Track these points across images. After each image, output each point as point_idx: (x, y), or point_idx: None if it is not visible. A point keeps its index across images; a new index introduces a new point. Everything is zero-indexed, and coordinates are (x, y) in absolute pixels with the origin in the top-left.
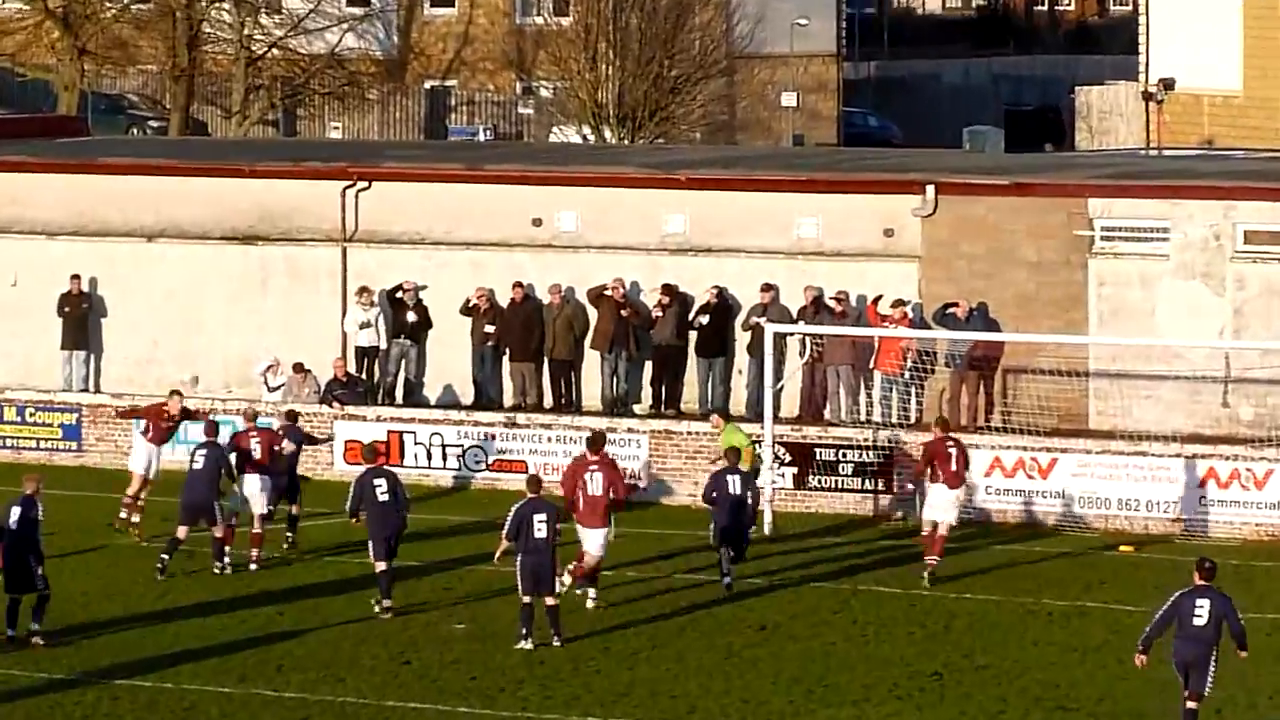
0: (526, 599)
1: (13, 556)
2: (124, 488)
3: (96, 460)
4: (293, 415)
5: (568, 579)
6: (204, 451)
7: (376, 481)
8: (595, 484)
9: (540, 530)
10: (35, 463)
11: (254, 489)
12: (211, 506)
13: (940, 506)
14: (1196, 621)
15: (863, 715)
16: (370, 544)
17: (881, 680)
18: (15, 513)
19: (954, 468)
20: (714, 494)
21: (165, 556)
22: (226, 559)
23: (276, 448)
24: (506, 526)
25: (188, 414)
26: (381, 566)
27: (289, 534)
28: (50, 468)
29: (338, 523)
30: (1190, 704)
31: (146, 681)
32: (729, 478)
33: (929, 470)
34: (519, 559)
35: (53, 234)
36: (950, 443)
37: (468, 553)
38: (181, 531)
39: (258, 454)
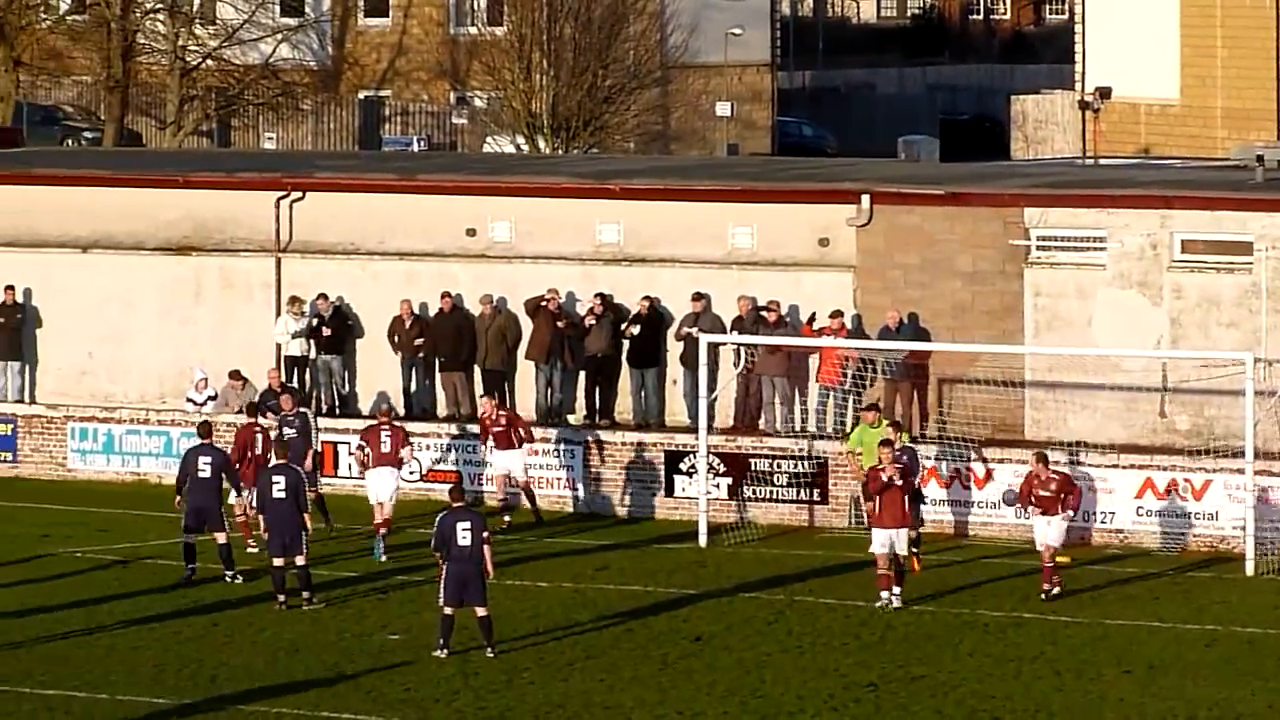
0: (448, 610)
1: None
2: (58, 499)
3: (32, 471)
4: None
5: None
6: (208, 458)
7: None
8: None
9: (464, 539)
10: None
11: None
12: (218, 512)
13: (1041, 531)
14: None
15: None
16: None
17: (817, 691)
18: None
19: (1049, 496)
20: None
21: (193, 566)
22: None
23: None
24: (433, 540)
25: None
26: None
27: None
28: None
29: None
30: None
31: (81, 692)
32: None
33: (1029, 499)
34: (444, 568)
35: None
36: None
37: (402, 563)
38: (190, 538)
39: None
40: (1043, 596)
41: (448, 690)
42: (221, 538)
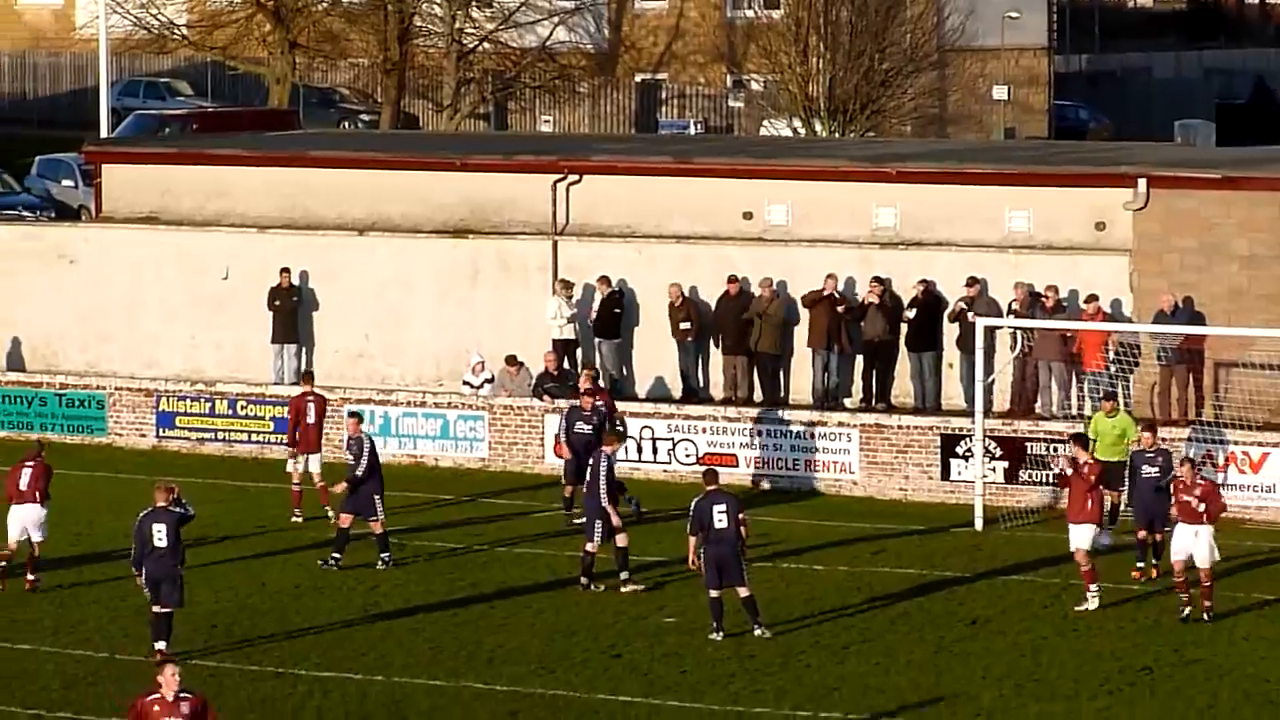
0: (713, 593)
1: (160, 570)
2: (336, 481)
3: None
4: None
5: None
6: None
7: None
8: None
9: (721, 521)
10: (246, 456)
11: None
12: (373, 501)
13: (1183, 542)
14: None
15: (1073, 710)
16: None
17: (1092, 675)
18: (160, 529)
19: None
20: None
21: (336, 555)
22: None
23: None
24: (689, 522)
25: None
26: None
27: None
28: (261, 461)
29: (557, 514)
30: None
31: (356, 674)
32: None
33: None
34: (703, 552)
35: (263, 227)
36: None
37: (677, 545)
38: (345, 520)
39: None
40: (1205, 617)
41: (723, 673)
42: (377, 527)
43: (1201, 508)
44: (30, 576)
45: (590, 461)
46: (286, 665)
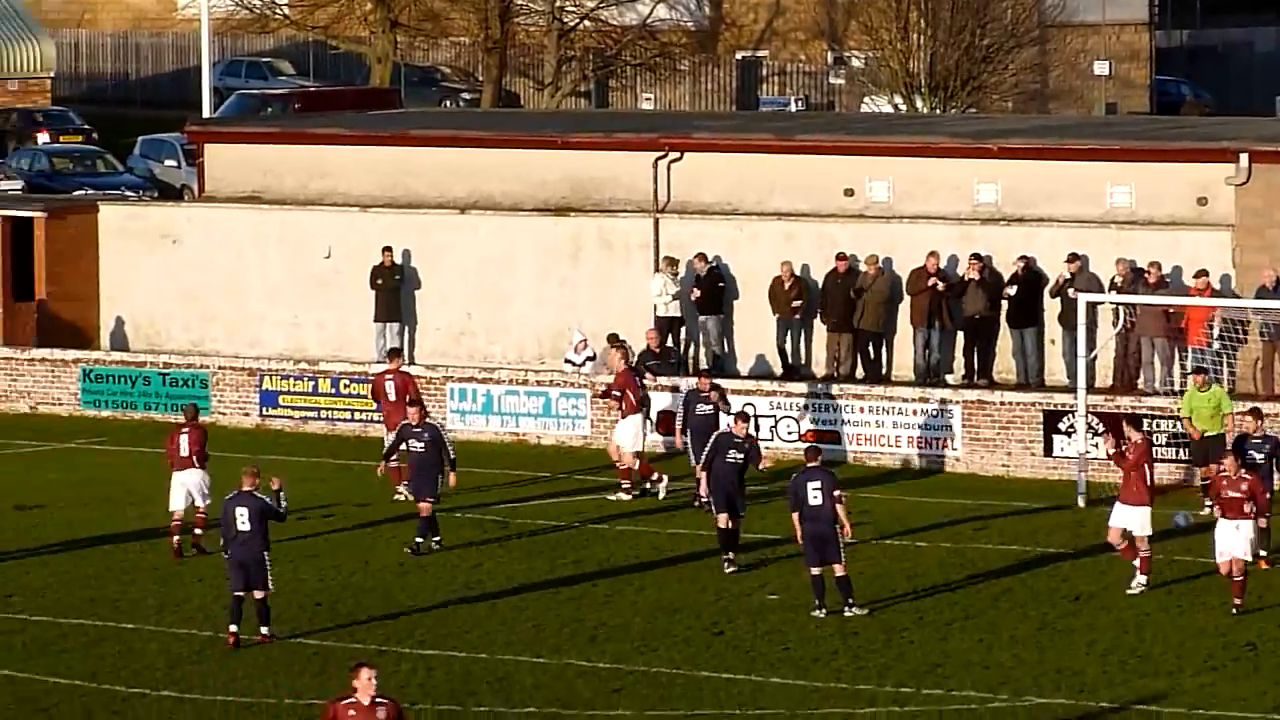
0: (814, 570)
1: (246, 554)
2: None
3: None
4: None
5: None
6: (425, 432)
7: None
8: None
9: (815, 498)
10: (349, 434)
11: None
12: (434, 482)
13: (1227, 540)
14: None
15: (1176, 686)
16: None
17: (1195, 651)
18: (244, 513)
19: (1238, 498)
20: None
21: (419, 540)
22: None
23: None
24: (789, 500)
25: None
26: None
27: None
28: (365, 440)
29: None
30: None
31: (460, 652)
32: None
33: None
34: (801, 529)
35: (365, 206)
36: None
37: (780, 523)
38: (424, 508)
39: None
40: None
41: (826, 650)
42: (426, 509)
43: (1251, 499)
44: (197, 531)
45: (712, 442)
46: (390, 643)
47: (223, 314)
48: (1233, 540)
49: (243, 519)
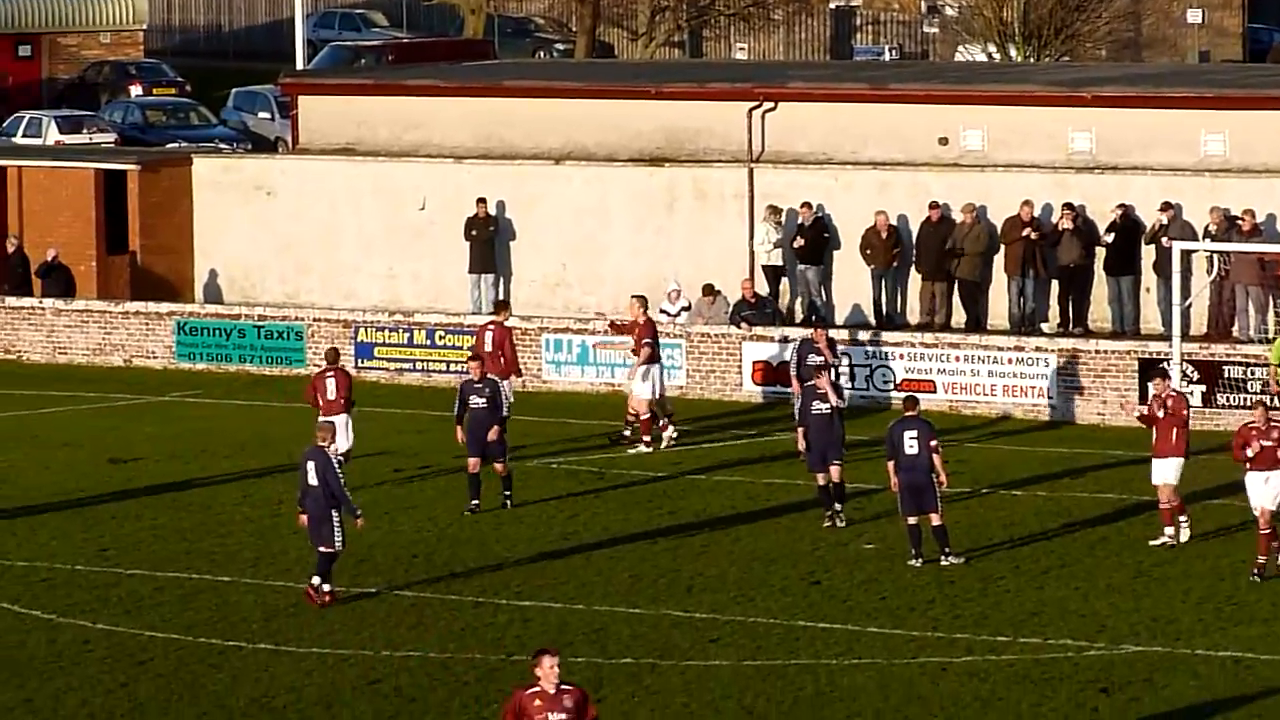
0: (911, 520)
1: (316, 508)
2: (533, 410)
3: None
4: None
5: None
6: (484, 387)
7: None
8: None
9: (911, 447)
10: (444, 385)
11: None
12: (496, 442)
13: (1258, 492)
14: None
15: (1271, 633)
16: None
17: None
18: (312, 467)
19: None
20: None
21: (507, 494)
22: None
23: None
24: (886, 449)
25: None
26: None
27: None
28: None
29: (755, 441)
30: None
31: (557, 603)
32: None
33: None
34: (897, 478)
35: (460, 158)
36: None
37: (877, 473)
38: (472, 464)
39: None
40: (1254, 575)
41: (922, 599)
42: (499, 468)
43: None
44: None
45: (803, 392)
46: (487, 594)
47: (317, 266)
48: (1261, 492)
49: (311, 473)
